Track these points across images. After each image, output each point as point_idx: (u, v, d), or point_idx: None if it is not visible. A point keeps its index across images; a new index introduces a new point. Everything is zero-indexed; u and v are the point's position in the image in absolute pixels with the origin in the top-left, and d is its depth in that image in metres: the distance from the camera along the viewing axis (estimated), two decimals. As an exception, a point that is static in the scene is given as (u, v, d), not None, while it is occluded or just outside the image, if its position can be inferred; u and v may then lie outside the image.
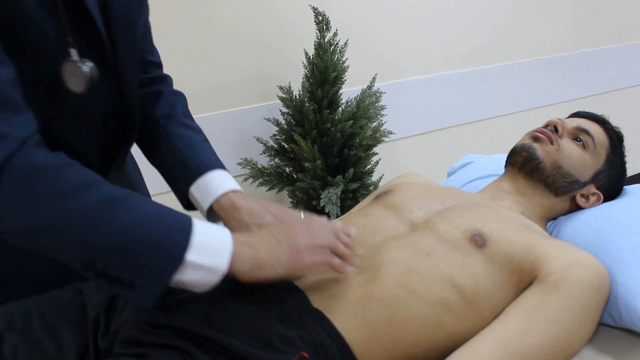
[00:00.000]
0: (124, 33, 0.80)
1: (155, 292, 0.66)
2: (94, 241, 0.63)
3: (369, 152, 1.78)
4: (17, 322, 0.76)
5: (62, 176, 0.64)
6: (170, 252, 0.66)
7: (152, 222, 0.66)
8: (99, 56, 0.76)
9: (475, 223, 0.87)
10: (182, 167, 0.91)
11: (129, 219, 0.65)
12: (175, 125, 0.95)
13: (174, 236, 0.67)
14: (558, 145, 1.03)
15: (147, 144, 0.98)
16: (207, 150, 0.94)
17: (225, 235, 0.71)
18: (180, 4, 1.65)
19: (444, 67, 2.26)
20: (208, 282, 0.69)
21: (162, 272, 0.65)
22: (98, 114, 0.83)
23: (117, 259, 0.64)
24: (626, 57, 2.82)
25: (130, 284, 0.65)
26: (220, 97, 1.80)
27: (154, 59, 1.00)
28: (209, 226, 0.71)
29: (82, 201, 0.63)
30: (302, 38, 1.81)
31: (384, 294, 0.76)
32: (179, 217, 0.69)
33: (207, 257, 0.68)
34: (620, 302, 0.83)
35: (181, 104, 1.00)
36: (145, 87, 0.99)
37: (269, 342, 0.68)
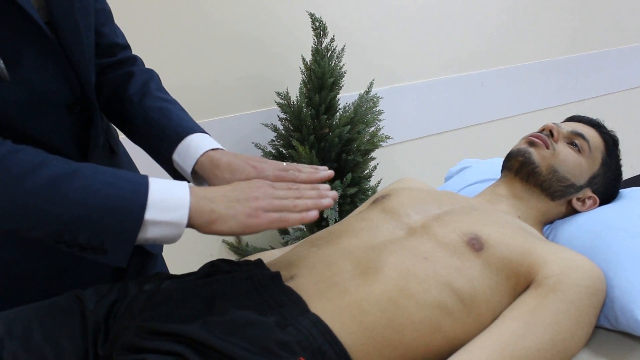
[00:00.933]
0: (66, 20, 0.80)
1: (125, 252, 0.70)
2: (54, 217, 0.66)
3: (367, 157, 1.78)
4: (17, 329, 0.77)
5: (11, 162, 0.66)
6: (128, 214, 0.68)
7: (105, 190, 0.69)
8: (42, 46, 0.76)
9: (473, 227, 0.88)
10: (162, 137, 0.91)
11: (81, 190, 0.67)
12: (149, 99, 0.95)
13: (129, 198, 0.69)
14: (554, 149, 1.04)
15: (125, 124, 0.97)
16: (184, 117, 0.94)
17: (183, 190, 0.73)
18: (177, 9, 1.66)
19: (441, 72, 2.27)
20: (174, 234, 0.72)
21: (126, 233, 0.68)
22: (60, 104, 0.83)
23: (81, 229, 0.67)
24: (622, 61, 2.83)
25: (100, 248, 0.69)
26: (218, 103, 1.80)
27: (119, 40, 0.99)
28: (166, 183, 0.73)
29: (32, 182, 0.66)
30: (300, 44, 1.82)
31: (382, 298, 0.76)
32: (135, 179, 0.71)
33: (166, 213, 0.70)
34: (617, 305, 0.83)
35: (154, 80, 0.99)
36: (116, 69, 0.98)
37: (267, 347, 0.68)
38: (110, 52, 0.97)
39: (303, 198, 0.78)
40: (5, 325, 0.77)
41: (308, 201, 0.77)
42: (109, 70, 0.98)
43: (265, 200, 0.76)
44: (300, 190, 0.79)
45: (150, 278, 0.85)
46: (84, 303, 0.82)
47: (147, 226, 0.70)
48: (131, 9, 0.98)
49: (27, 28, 0.73)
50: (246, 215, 0.74)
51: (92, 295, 0.83)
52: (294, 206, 0.76)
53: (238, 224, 0.73)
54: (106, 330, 0.79)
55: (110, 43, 0.97)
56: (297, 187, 0.80)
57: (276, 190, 0.78)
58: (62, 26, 0.79)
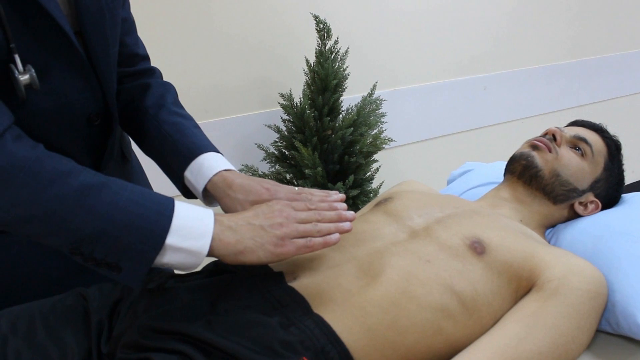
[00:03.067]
0: (95, 30, 0.80)
1: (140, 274, 0.68)
2: (75, 227, 0.65)
3: (369, 159, 1.79)
4: (21, 326, 0.77)
5: (40, 167, 0.66)
6: (150, 236, 0.68)
7: (131, 207, 0.68)
8: (70, 57, 0.76)
9: (475, 230, 0.88)
10: (175, 153, 0.91)
11: (107, 204, 0.67)
12: (165, 113, 0.95)
13: (153, 220, 0.68)
14: (556, 153, 1.04)
15: (139, 135, 0.98)
16: (198, 134, 0.94)
17: (208, 218, 0.72)
18: (182, 11, 1.67)
19: (443, 75, 2.27)
20: (192, 263, 0.71)
21: (144, 255, 0.67)
22: (82, 115, 0.83)
23: (100, 244, 0.66)
24: (624, 66, 2.83)
25: (115, 266, 0.67)
26: (222, 103, 1.81)
27: (140, 51, 1.00)
28: (192, 209, 0.72)
29: (60, 190, 0.65)
30: (303, 46, 1.82)
31: (384, 300, 0.76)
32: (160, 201, 0.71)
33: (188, 240, 0.69)
34: (618, 309, 0.84)
35: (170, 93, 0.99)
36: (134, 80, 0.98)
37: (270, 347, 0.69)
38: (131, 62, 0.98)
39: (324, 220, 0.78)
40: (9, 322, 0.78)
41: (330, 225, 0.77)
42: (127, 80, 0.98)
43: (289, 226, 0.75)
44: (320, 212, 0.79)
45: (154, 277, 0.85)
46: (87, 301, 0.82)
47: (167, 251, 0.69)
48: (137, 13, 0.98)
49: (57, 38, 0.74)
50: (273, 245, 0.73)
51: (96, 293, 0.83)
52: (317, 231, 0.76)
53: (266, 254, 0.73)
54: (110, 329, 0.79)
55: (131, 53, 0.97)
56: (315, 206, 0.80)
57: (298, 213, 0.77)
58: (91, 38, 0.79)
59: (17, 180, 0.64)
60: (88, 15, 0.78)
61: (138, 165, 1.10)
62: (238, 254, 0.72)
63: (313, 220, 0.77)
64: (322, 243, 0.75)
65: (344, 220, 0.79)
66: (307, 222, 0.76)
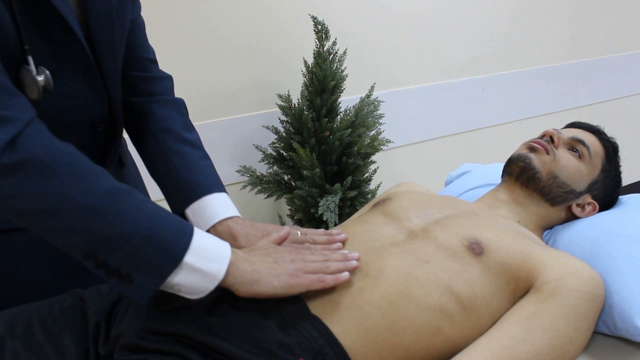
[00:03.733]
0: (105, 35, 0.80)
1: (151, 289, 0.67)
2: (97, 229, 0.64)
3: (367, 160, 1.79)
4: (19, 328, 0.77)
5: (75, 161, 0.65)
6: (170, 251, 0.67)
7: (156, 218, 0.67)
8: (78, 61, 0.76)
9: (473, 231, 0.88)
10: (178, 188, 0.91)
11: (134, 211, 0.66)
12: (172, 140, 0.94)
13: (175, 235, 0.68)
14: (554, 155, 1.04)
15: (144, 157, 0.98)
16: (204, 169, 0.93)
17: (225, 246, 0.73)
18: (180, 12, 1.67)
19: (441, 76, 2.28)
20: (204, 288, 0.70)
21: (160, 269, 0.67)
22: (86, 120, 0.83)
23: (118, 250, 0.65)
24: (622, 67, 2.84)
25: (127, 276, 0.66)
26: (220, 104, 1.81)
27: (148, 55, 0.99)
28: (209, 235, 0.72)
29: (91, 188, 0.64)
30: (302, 47, 1.82)
31: (382, 301, 0.77)
32: (182, 220, 0.71)
33: (205, 262, 0.69)
34: (615, 310, 0.84)
35: (180, 115, 0.98)
36: (144, 87, 0.97)
37: (268, 349, 0.69)
38: (142, 65, 0.97)
39: (331, 260, 0.79)
40: (6, 323, 0.77)
41: (339, 264, 0.79)
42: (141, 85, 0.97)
43: (300, 262, 0.77)
44: (326, 254, 0.81)
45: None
46: (85, 303, 0.82)
47: (183, 269, 0.68)
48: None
49: (68, 42, 0.74)
50: (289, 275, 0.74)
51: (94, 295, 0.83)
52: (326, 267, 0.77)
53: (282, 284, 0.73)
54: (107, 330, 0.79)
55: (140, 56, 0.96)
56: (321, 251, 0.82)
57: (306, 255, 0.79)
58: (100, 43, 0.79)
59: (51, 170, 0.63)
60: (98, 21, 0.78)
61: (135, 170, 1.09)
62: (254, 282, 0.72)
63: (320, 260, 0.79)
64: (334, 280, 0.76)
65: (349, 259, 0.80)
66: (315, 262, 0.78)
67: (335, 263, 0.79)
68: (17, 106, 0.64)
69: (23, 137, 0.62)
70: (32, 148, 0.62)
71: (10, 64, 0.69)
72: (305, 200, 1.70)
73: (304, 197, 1.69)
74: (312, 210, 1.68)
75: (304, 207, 1.72)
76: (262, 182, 1.77)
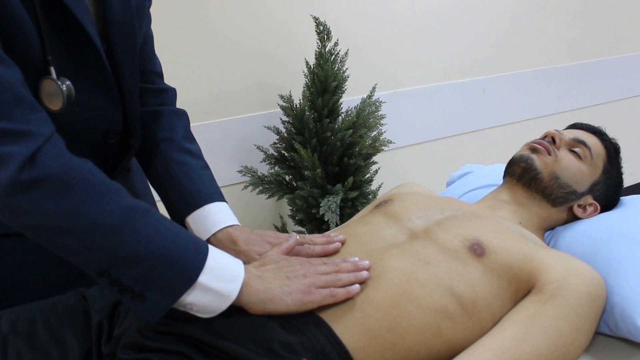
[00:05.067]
0: (125, 47, 0.81)
1: (163, 308, 0.67)
2: (114, 247, 0.64)
3: (369, 161, 1.79)
4: (22, 326, 0.77)
5: (93, 179, 0.65)
6: (185, 270, 0.67)
7: (171, 238, 0.67)
8: (96, 73, 0.77)
9: (474, 232, 0.88)
10: (179, 197, 0.92)
11: (150, 230, 0.66)
12: (174, 149, 0.95)
13: (190, 255, 0.68)
14: (556, 156, 1.04)
15: (146, 165, 0.98)
16: (205, 179, 0.94)
17: (239, 265, 0.73)
18: (182, 13, 1.67)
19: (443, 77, 2.28)
20: (216, 307, 0.70)
21: (174, 288, 0.67)
22: (99, 132, 0.83)
23: (132, 269, 0.65)
24: (624, 69, 2.84)
25: (140, 295, 0.66)
26: (222, 105, 1.81)
27: (156, 68, 1.00)
28: (224, 254, 0.73)
29: (108, 206, 0.64)
30: (303, 47, 1.82)
31: (384, 301, 0.77)
32: (196, 238, 0.71)
33: (219, 282, 0.69)
34: (617, 311, 0.84)
35: (182, 125, 0.99)
36: (149, 99, 0.98)
37: (271, 348, 0.69)
38: (147, 78, 0.98)
39: (341, 271, 0.79)
40: (10, 322, 0.78)
41: (350, 275, 0.78)
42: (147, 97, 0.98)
43: (313, 276, 0.76)
44: (337, 264, 0.80)
45: None
46: (88, 302, 0.82)
47: (196, 289, 0.68)
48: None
49: (88, 54, 0.74)
50: (302, 293, 0.74)
51: (97, 294, 0.84)
52: (338, 280, 0.77)
53: (295, 302, 0.73)
54: (110, 329, 0.79)
55: (148, 69, 0.97)
56: (330, 261, 0.81)
57: (317, 267, 0.79)
58: (120, 56, 0.80)
59: (68, 187, 0.63)
60: (120, 33, 0.79)
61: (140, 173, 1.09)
62: (267, 302, 0.72)
63: (332, 272, 0.78)
64: (345, 293, 0.76)
65: (361, 269, 0.80)
66: (326, 273, 0.78)
67: (347, 275, 0.78)
68: (38, 121, 0.64)
69: (42, 153, 0.62)
70: (50, 164, 0.62)
71: (31, 75, 0.69)
72: (307, 201, 1.70)
73: (305, 197, 1.70)
74: (314, 210, 1.68)
75: (305, 207, 1.72)
76: (264, 183, 1.78)
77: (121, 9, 0.78)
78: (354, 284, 0.77)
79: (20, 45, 0.67)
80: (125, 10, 0.79)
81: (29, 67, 0.68)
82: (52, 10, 0.68)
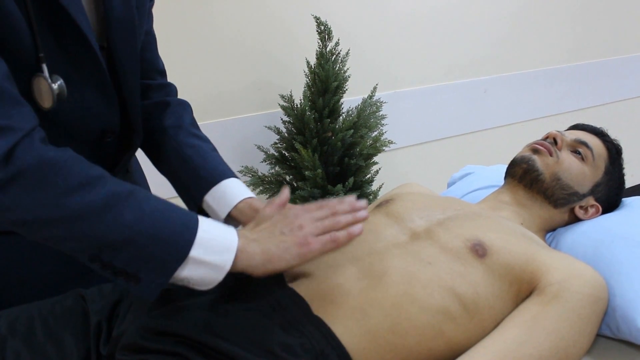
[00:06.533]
0: (126, 46, 0.80)
1: (158, 286, 0.67)
2: (99, 234, 0.64)
3: (369, 161, 1.79)
4: (20, 327, 0.77)
5: (71, 170, 0.65)
6: (175, 247, 0.67)
7: (157, 217, 0.67)
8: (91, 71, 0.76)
9: (476, 233, 0.88)
10: (195, 177, 0.93)
11: (134, 213, 0.66)
12: (184, 134, 0.96)
13: (178, 231, 0.67)
14: (557, 157, 1.04)
15: (156, 154, 0.99)
16: (217, 159, 0.96)
17: (231, 234, 0.72)
18: (183, 12, 1.67)
19: (444, 78, 2.28)
20: (212, 279, 0.70)
21: (166, 266, 0.66)
22: (95, 130, 0.83)
23: (122, 252, 0.65)
24: (625, 69, 2.83)
25: (134, 276, 0.66)
26: (222, 104, 1.81)
27: (159, 67, 1.01)
28: (215, 224, 0.72)
29: (88, 195, 0.64)
30: (304, 47, 1.82)
31: (385, 302, 0.76)
32: (185, 213, 0.70)
33: (212, 254, 0.69)
34: (618, 313, 0.84)
35: (188, 113, 1.01)
36: (152, 95, 0.99)
37: (270, 349, 0.69)
38: (150, 75, 0.98)
39: (339, 214, 0.77)
40: (8, 323, 0.77)
41: (348, 216, 0.76)
42: (147, 93, 0.99)
43: (309, 225, 0.75)
44: (333, 206, 0.78)
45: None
46: (87, 302, 0.82)
47: (189, 264, 0.67)
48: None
49: (82, 51, 0.74)
50: (299, 245, 0.72)
51: (95, 294, 0.83)
52: (336, 223, 0.75)
53: (293, 256, 0.72)
54: (109, 330, 0.79)
55: (151, 68, 0.98)
56: (326, 204, 0.78)
57: (313, 213, 0.77)
58: (120, 54, 0.80)
59: (46, 181, 0.63)
60: (120, 31, 0.78)
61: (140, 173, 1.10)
62: (266, 262, 0.71)
63: (329, 215, 0.76)
64: (347, 236, 0.74)
65: (358, 209, 0.77)
66: (323, 219, 0.76)
67: (345, 217, 0.76)
68: (19, 115, 0.64)
69: (19, 148, 0.62)
70: (26, 159, 0.62)
71: (23, 72, 0.69)
72: (307, 201, 1.70)
73: (306, 197, 1.69)
74: (314, 211, 1.67)
75: (305, 207, 1.72)
76: (264, 183, 1.77)
77: (121, 7, 0.78)
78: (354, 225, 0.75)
79: (11, 41, 0.66)
80: (126, 8, 0.79)
81: (20, 63, 0.68)
82: (44, 6, 0.68)
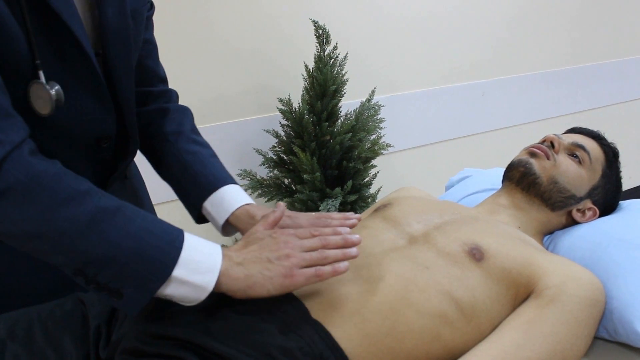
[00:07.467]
0: (120, 53, 0.81)
1: (141, 302, 0.67)
2: (84, 250, 0.64)
3: (368, 164, 1.79)
4: (19, 331, 0.77)
5: (58, 185, 0.65)
6: (158, 266, 0.67)
7: (142, 235, 0.67)
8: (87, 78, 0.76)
9: (473, 237, 0.88)
10: (194, 183, 0.94)
11: (119, 230, 0.66)
12: (184, 141, 0.97)
13: (163, 250, 0.67)
14: (554, 160, 1.04)
15: (157, 160, 0.99)
16: (217, 165, 0.96)
17: (217, 254, 0.72)
18: (182, 16, 1.67)
19: (442, 81, 2.28)
20: (195, 298, 0.70)
21: (149, 284, 0.67)
22: (91, 137, 0.83)
23: (105, 268, 0.65)
24: (623, 72, 2.84)
25: (117, 292, 0.67)
26: (221, 108, 1.81)
27: (160, 74, 1.02)
28: (201, 242, 0.72)
29: (74, 211, 0.64)
30: (303, 51, 1.83)
31: (383, 306, 0.77)
32: (171, 231, 0.70)
33: (195, 275, 0.69)
34: (616, 316, 0.84)
35: (188, 119, 1.02)
36: (153, 101, 1.00)
37: (269, 353, 0.69)
38: (151, 82, 0.99)
39: (329, 246, 0.76)
40: (7, 327, 0.77)
41: (337, 252, 0.76)
42: (148, 100, 0.99)
43: (296, 256, 0.74)
44: (325, 238, 0.77)
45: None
46: (86, 306, 0.82)
47: (172, 282, 0.68)
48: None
49: (77, 58, 0.74)
50: (283, 276, 0.72)
51: (95, 298, 0.83)
52: (324, 258, 0.75)
53: (275, 286, 0.72)
54: (108, 334, 0.79)
55: (151, 75, 0.99)
56: (319, 232, 0.78)
57: (303, 242, 0.76)
58: (114, 61, 0.80)
59: (33, 195, 0.63)
60: (114, 38, 0.79)
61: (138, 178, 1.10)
62: (247, 288, 0.72)
63: (319, 247, 0.76)
64: (331, 272, 0.73)
65: (350, 244, 0.77)
66: (313, 249, 0.75)
67: (334, 252, 0.75)
68: (10, 127, 0.64)
69: (8, 162, 0.62)
70: (14, 173, 0.62)
71: (19, 79, 0.69)
72: (306, 204, 1.70)
73: (305, 201, 1.69)
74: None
75: (304, 210, 1.72)
76: (263, 186, 1.78)
77: (116, 15, 0.78)
78: (342, 261, 0.75)
79: (7, 48, 0.67)
80: (120, 16, 0.79)
81: (17, 70, 0.68)
82: (39, 14, 0.68)
